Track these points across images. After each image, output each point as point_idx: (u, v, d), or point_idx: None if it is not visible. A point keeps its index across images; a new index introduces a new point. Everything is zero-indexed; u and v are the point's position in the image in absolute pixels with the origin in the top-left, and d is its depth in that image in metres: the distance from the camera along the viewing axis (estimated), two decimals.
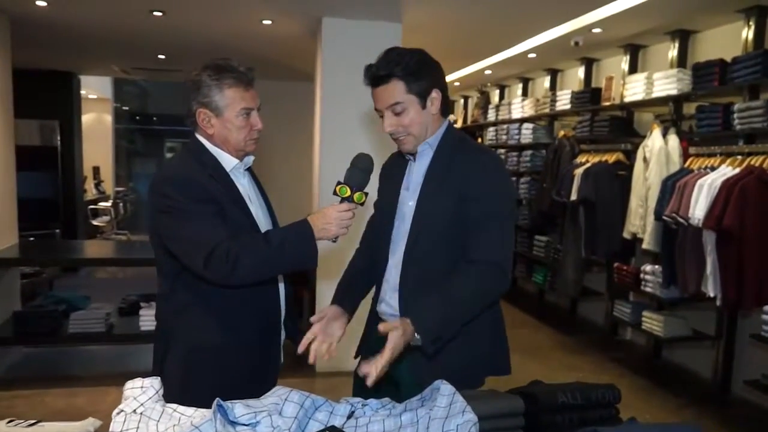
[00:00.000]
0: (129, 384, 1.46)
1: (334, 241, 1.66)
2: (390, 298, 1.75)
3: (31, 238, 6.16)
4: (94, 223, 9.71)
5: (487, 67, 6.41)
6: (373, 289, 1.87)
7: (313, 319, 1.73)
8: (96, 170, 10.91)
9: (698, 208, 3.38)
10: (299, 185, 7.00)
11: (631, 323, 4.53)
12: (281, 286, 1.82)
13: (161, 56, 6.24)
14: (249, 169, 1.86)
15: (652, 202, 3.91)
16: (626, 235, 4.35)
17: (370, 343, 1.88)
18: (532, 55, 5.53)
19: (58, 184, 7.75)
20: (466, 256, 1.61)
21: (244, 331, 1.72)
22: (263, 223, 1.78)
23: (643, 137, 4.33)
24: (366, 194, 1.63)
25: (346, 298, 1.85)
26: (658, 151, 4.03)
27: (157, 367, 1.75)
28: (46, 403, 3.57)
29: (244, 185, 1.79)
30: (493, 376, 1.76)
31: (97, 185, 10.84)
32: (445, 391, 1.39)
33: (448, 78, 7.37)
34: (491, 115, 7.42)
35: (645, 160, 4.14)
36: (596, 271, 5.31)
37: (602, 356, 4.89)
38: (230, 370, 1.70)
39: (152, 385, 1.46)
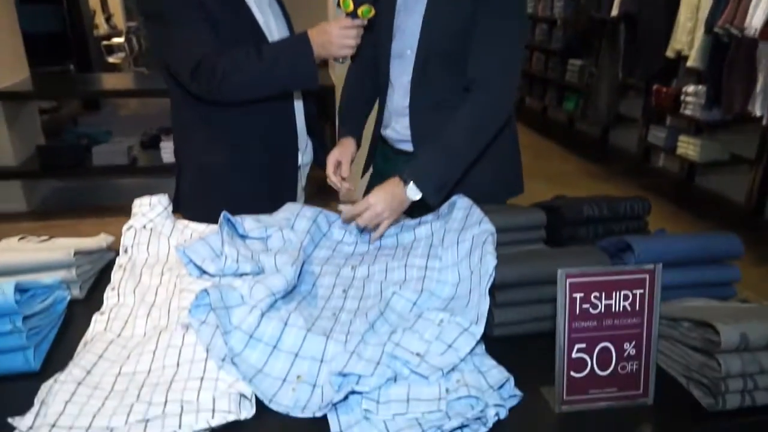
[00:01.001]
0: (137, 201, 1.41)
1: (342, 62, 1.50)
2: (396, 123, 1.60)
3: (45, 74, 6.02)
4: (110, 60, 9.44)
5: None
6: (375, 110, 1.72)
7: (329, 171, 1.61)
8: (104, 3, 10.40)
9: (756, 17, 3.04)
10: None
11: (666, 149, 4.36)
12: (297, 105, 1.68)
13: None
14: None
15: (704, 13, 3.53)
16: (670, 53, 4.01)
17: (377, 166, 1.78)
18: None
19: (64, 16, 7.40)
20: (470, 72, 1.42)
21: (252, 151, 1.62)
22: (275, 33, 1.60)
23: None
24: (373, 8, 1.40)
25: (351, 125, 1.70)
26: None
27: (176, 183, 1.72)
28: (80, 231, 3.71)
29: None
30: (509, 198, 1.66)
31: (108, 20, 10.39)
32: (461, 204, 1.32)
33: None
34: None
35: None
36: (632, 96, 5.03)
37: (632, 184, 4.79)
38: (240, 191, 1.64)
39: (160, 201, 1.41)
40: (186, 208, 1.70)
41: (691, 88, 3.93)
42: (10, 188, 4.09)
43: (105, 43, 9.41)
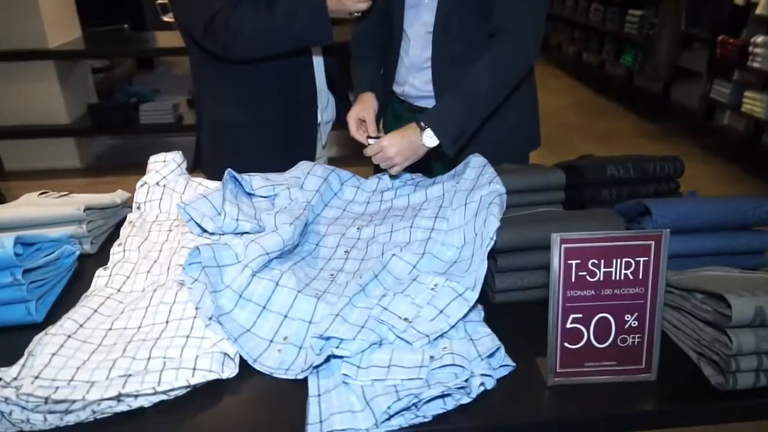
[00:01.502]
0: (152, 158, 1.42)
1: (357, 17, 1.44)
2: (415, 79, 1.52)
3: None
4: (165, 18, 9.54)
5: None
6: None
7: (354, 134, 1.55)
8: None
9: None
10: None
11: (730, 105, 4.08)
12: (317, 61, 1.64)
13: None
14: None
15: None
16: (738, 0, 3.71)
17: (388, 126, 1.70)
18: None
19: None
20: (495, 18, 1.35)
21: (270, 107, 1.59)
22: None
23: None
24: None
25: (367, 79, 1.61)
26: None
27: (196, 140, 1.73)
28: (128, 188, 3.82)
29: None
30: (527, 152, 1.59)
31: None
32: (475, 163, 1.26)
33: None
34: None
35: None
36: (696, 48, 4.70)
37: (691, 143, 4.53)
38: (259, 148, 1.62)
39: (174, 159, 1.41)
40: (206, 165, 1.70)
41: (760, 39, 3.64)
42: (64, 145, 4.25)
43: (159, 1, 9.51)
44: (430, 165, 1.52)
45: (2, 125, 4.11)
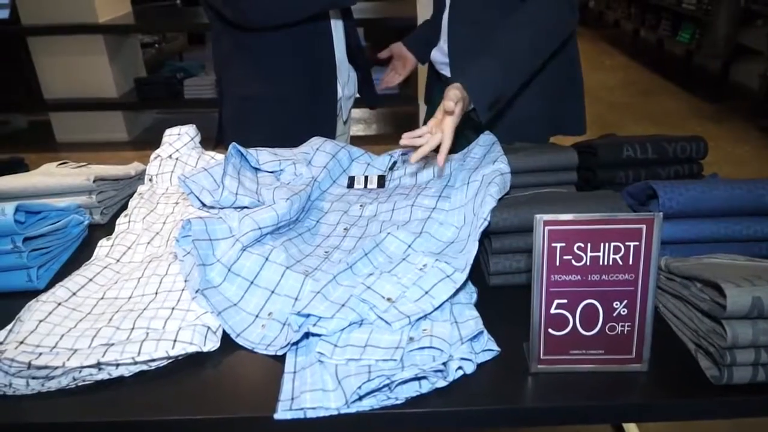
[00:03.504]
0: (167, 132, 1.44)
1: None
2: (443, 42, 1.50)
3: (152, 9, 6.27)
4: None
5: None
6: None
7: (379, 55, 1.73)
8: None
9: None
10: None
11: None
12: (337, 28, 1.61)
13: None
14: None
15: None
16: None
17: (433, 100, 1.70)
18: None
19: None
20: None
21: (287, 80, 1.58)
22: None
23: None
24: None
25: (415, 38, 1.72)
26: None
27: (219, 116, 1.74)
28: None
29: None
30: (566, 135, 1.51)
31: None
32: (484, 141, 1.22)
33: None
34: None
35: None
36: (759, 24, 4.41)
37: (748, 125, 4.29)
38: (277, 123, 1.62)
39: (188, 132, 1.43)
40: (228, 141, 1.71)
41: None
42: (113, 118, 4.39)
43: None
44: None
45: (54, 98, 4.28)
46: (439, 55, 1.52)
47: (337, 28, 1.59)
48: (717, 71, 5.32)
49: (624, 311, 0.79)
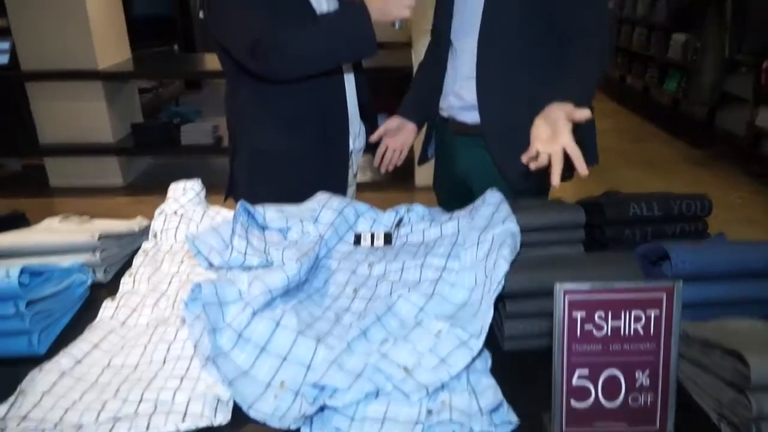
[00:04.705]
0: (173, 186, 1.44)
1: (400, 26, 1.44)
2: (461, 89, 1.54)
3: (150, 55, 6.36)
4: None
5: None
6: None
7: (371, 139, 1.70)
8: None
9: None
10: None
11: None
12: (349, 82, 1.64)
13: None
14: None
15: None
16: None
17: (438, 149, 1.73)
18: None
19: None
20: (569, 23, 1.39)
21: (304, 133, 1.60)
22: (327, 11, 1.57)
23: None
24: None
25: (410, 107, 1.72)
26: None
27: (230, 169, 1.74)
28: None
29: None
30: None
31: None
32: (491, 199, 1.22)
33: None
34: None
35: None
36: (742, 73, 4.53)
37: (736, 170, 4.36)
38: (292, 175, 1.62)
39: (193, 187, 1.42)
40: (239, 193, 1.71)
41: None
42: (108, 164, 4.38)
43: None
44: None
45: (49, 143, 4.28)
46: (457, 101, 1.55)
47: (349, 80, 1.62)
48: (704, 118, 5.43)
49: (647, 381, 0.78)
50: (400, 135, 1.71)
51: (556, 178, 1.10)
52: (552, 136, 1.16)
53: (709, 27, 4.13)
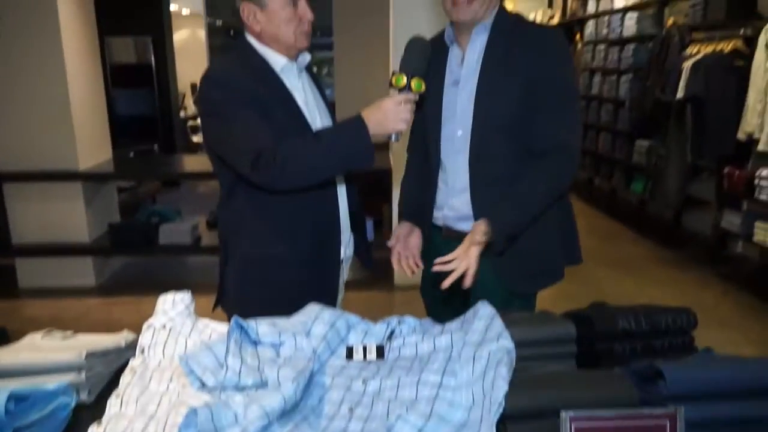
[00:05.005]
0: (161, 298, 1.42)
1: (396, 139, 1.51)
2: (455, 202, 1.62)
3: (131, 154, 6.45)
4: (194, 139, 10.06)
5: None
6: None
7: (390, 243, 1.74)
8: (194, 87, 11.19)
9: None
10: (382, 95, 6.72)
11: (742, 235, 4.07)
12: (341, 193, 1.69)
13: None
14: (309, 70, 1.71)
15: None
16: (741, 135, 3.82)
17: (429, 254, 1.76)
18: None
19: (155, 100, 8.02)
20: (538, 143, 1.50)
21: (299, 242, 1.63)
22: (320, 128, 1.65)
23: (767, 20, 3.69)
24: (425, 82, 1.45)
25: (413, 212, 1.78)
26: None
27: (219, 278, 1.74)
28: (140, 310, 3.82)
29: (298, 87, 1.65)
30: (567, 265, 1.70)
31: (196, 102, 11.12)
32: (483, 314, 1.24)
33: None
34: (591, 7, 6.70)
35: None
36: (704, 177, 4.78)
37: (706, 271, 4.48)
38: (285, 284, 1.63)
39: (182, 300, 1.41)
40: (230, 302, 1.70)
41: (765, 172, 3.70)
42: (81, 264, 4.30)
43: (191, 123, 10.09)
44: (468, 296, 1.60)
45: (23, 242, 4.20)
46: (451, 212, 1.63)
47: (342, 190, 1.67)
48: (671, 219, 5.64)
49: None
50: (412, 238, 1.75)
51: (446, 282, 1.42)
52: (465, 249, 1.42)
53: (671, 135, 4.40)
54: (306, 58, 1.67)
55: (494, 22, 1.52)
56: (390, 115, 1.42)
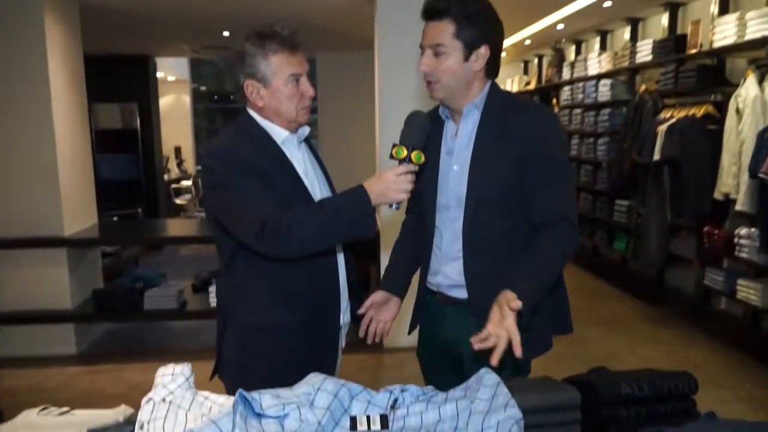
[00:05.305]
0: (160, 371, 1.40)
1: (396, 208, 1.55)
2: (447, 269, 1.65)
3: (115, 218, 6.43)
4: (177, 201, 10.08)
5: (560, 21, 5.97)
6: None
7: (359, 311, 1.75)
8: (177, 150, 11.30)
9: None
10: (365, 160, 6.90)
11: (725, 292, 4.15)
12: (341, 261, 1.72)
13: (226, 33, 6.26)
14: (307, 141, 1.77)
15: (747, 158, 3.52)
16: (717, 195, 3.95)
17: (424, 321, 1.77)
18: (607, 4, 5.09)
19: (140, 165, 8.07)
20: (539, 216, 1.54)
21: (300, 310, 1.64)
22: (320, 197, 1.69)
23: (736, 86, 3.89)
24: (424, 154, 1.51)
25: (394, 281, 1.81)
26: (753, 100, 3.61)
27: (217, 347, 1.73)
28: (124, 378, 3.72)
29: (299, 158, 1.70)
30: (557, 335, 1.69)
31: (179, 165, 11.23)
32: (488, 381, 1.25)
33: (519, 36, 6.99)
34: (566, 74, 6.98)
35: (738, 111, 3.72)
36: (684, 235, 4.89)
37: (692, 328, 4.52)
38: (286, 352, 1.64)
39: (182, 372, 1.39)
40: (228, 372, 1.69)
41: (743, 231, 3.80)
42: (62, 331, 4.19)
43: (174, 186, 10.14)
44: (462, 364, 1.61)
45: (2, 311, 4.08)
46: (445, 279, 1.65)
47: (341, 259, 1.70)
48: (654, 276, 5.72)
49: None
50: (386, 308, 1.77)
51: (495, 358, 1.30)
52: (500, 320, 1.34)
53: (649, 195, 4.52)
54: (305, 130, 1.72)
55: (486, 101, 1.59)
56: (391, 185, 1.47)
